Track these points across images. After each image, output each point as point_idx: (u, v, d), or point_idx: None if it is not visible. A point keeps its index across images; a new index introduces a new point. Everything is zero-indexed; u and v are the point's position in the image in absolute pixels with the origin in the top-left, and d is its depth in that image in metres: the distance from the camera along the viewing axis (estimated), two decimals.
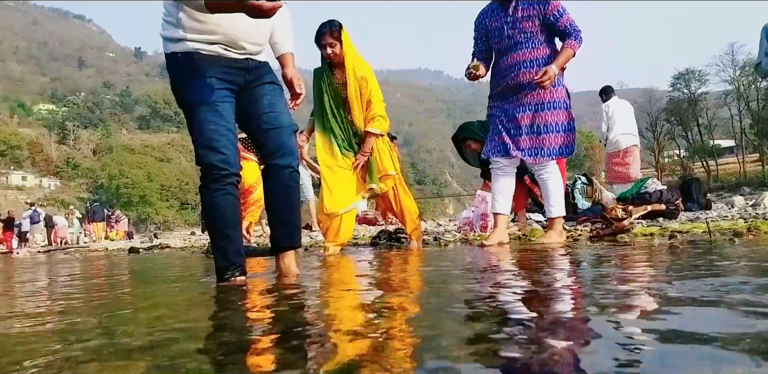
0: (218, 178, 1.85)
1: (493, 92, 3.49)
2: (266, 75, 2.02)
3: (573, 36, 3.22)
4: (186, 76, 1.87)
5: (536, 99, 3.28)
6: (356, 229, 7.00)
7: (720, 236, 3.12)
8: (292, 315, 1.19)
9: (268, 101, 1.98)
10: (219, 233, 1.89)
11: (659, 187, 5.43)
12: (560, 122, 3.30)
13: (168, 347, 0.88)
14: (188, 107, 1.87)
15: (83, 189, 68.97)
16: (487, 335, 0.85)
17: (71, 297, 1.85)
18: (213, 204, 1.87)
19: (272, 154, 1.98)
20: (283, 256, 2.04)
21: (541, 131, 3.29)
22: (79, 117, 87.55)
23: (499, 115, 3.42)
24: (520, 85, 3.29)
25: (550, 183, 3.42)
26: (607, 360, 0.66)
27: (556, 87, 3.27)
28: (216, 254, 1.89)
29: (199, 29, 1.83)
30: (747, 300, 1.00)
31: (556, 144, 3.31)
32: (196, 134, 1.86)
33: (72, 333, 1.08)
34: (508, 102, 3.38)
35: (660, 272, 1.57)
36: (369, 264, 2.66)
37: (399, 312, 1.14)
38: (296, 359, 0.77)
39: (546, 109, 3.29)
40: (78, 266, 4.38)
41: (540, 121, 3.29)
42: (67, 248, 13.60)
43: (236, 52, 1.91)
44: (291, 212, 2.06)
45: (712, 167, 43.40)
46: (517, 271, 1.90)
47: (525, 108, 3.31)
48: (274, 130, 1.97)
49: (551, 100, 3.28)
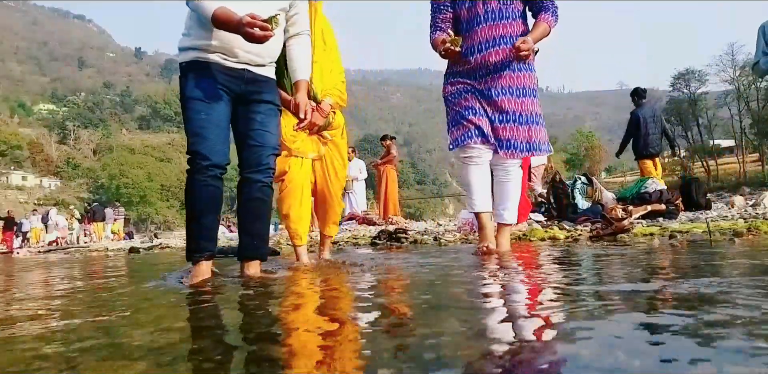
0: (200, 168, 1.95)
1: (457, 69, 2.87)
2: (267, 93, 2.13)
3: (550, 11, 2.75)
4: (187, 79, 2.02)
5: (516, 83, 2.75)
6: (356, 229, 7.01)
7: (720, 236, 3.12)
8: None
9: (261, 118, 2.09)
10: (194, 218, 1.99)
11: (659, 187, 5.43)
12: (540, 114, 2.82)
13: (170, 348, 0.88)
14: (186, 101, 2.01)
15: (83, 189, 68.93)
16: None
17: (57, 298, 1.85)
18: (193, 192, 1.98)
19: (250, 168, 2.10)
20: (248, 265, 2.13)
21: (527, 120, 2.74)
22: (80, 117, 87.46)
23: (470, 94, 2.80)
24: (498, 64, 2.74)
25: (512, 185, 2.90)
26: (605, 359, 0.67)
27: (532, 72, 2.81)
28: (188, 237, 2.00)
29: (203, 35, 1.99)
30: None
31: (543, 139, 2.79)
32: (188, 124, 1.98)
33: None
34: (479, 82, 2.79)
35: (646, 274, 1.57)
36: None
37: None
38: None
39: (528, 95, 2.77)
40: (77, 266, 4.38)
41: (524, 108, 2.74)
42: (68, 248, 13.60)
43: (233, 60, 2.03)
44: (260, 223, 2.18)
45: (712, 167, 43.38)
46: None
47: (506, 91, 2.75)
48: (259, 147, 2.09)
49: (531, 86, 2.79)
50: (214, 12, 1.85)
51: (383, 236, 4.77)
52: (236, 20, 1.82)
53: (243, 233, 2.16)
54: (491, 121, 2.75)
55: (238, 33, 1.84)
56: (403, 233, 4.76)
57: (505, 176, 2.86)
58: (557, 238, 3.85)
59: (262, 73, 2.12)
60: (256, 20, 1.80)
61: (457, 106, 2.82)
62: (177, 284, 1.94)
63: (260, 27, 1.80)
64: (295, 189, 2.61)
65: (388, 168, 8.93)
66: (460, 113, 2.80)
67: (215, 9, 1.85)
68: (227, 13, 1.85)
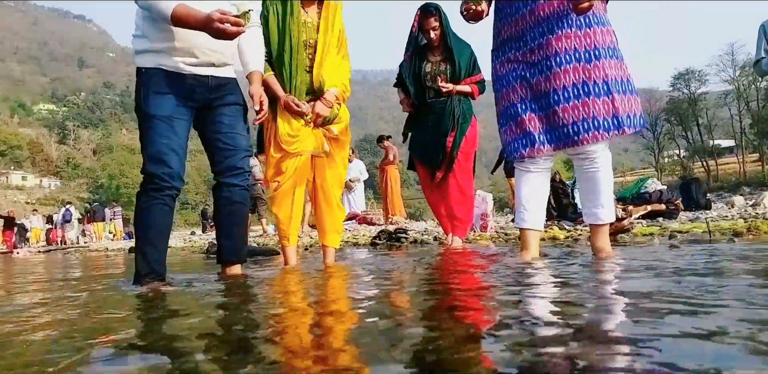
0: (160, 188, 1.91)
1: (502, 38, 2.26)
2: (229, 95, 2.07)
3: None
4: (148, 90, 1.92)
5: (586, 42, 2.06)
6: (356, 229, 7.01)
7: (720, 236, 3.12)
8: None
9: (228, 121, 2.05)
10: (146, 239, 1.92)
11: (659, 187, 5.43)
12: (627, 79, 2.10)
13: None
14: (145, 118, 1.92)
15: (83, 189, 68.88)
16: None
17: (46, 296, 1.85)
18: (147, 211, 1.92)
19: (223, 173, 2.07)
20: (229, 269, 2.14)
21: (608, 89, 2.04)
22: (79, 117, 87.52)
23: (519, 81, 2.18)
24: (553, 20, 2.08)
25: (602, 175, 2.17)
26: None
27: (604, 26, 2.11)
28: (138, 259, 1.91)
29: (161, 37, 1.90)
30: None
31: (633, 110, 2.07)
32: (148, 145, 1.91)
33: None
34: (532, 52, 2.14)
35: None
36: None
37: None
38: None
39: (603, 57, 2.06)
40: (77, 266, 4.38)
41: (600, 75, 2.04)
42: (68, 248, 13.60)
43: (197, 64, 1.95)
44: (238, 227, 2.16)
45: (712, 167, 43.39)
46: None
47: (570, 57, 2.06)
48: (230, 150, 2.05)
49: (607, 45, 2.08)
50: (175, 10, 1.75)
51: (383, 236, 4.77)
52: (204, 17, 1.73)
53: (225, 237, 2.14)
54: (556, 102, 2.08)
55: (205, 30, 1.75)
56: (403, 233, 4.76)
57: (591, 166, 2.16)
58: (557, 238, 3.85)
59: (225, 75, 2.06)
60: (228, 16, 1.73)
61: (504, 100, 2.25)
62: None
63: (232, 23, 1.73)
64: (287, 190, 2.55)
65: (391, 168, 8.91)
66: (506, 111, 2.24)
67: (175, 6, 1.75)
68: (189, 10, 1.76)
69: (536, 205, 2.24)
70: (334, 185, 2.69)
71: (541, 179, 2.25)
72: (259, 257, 3.87)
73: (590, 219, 2.21)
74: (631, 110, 2.06)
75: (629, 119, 2.05)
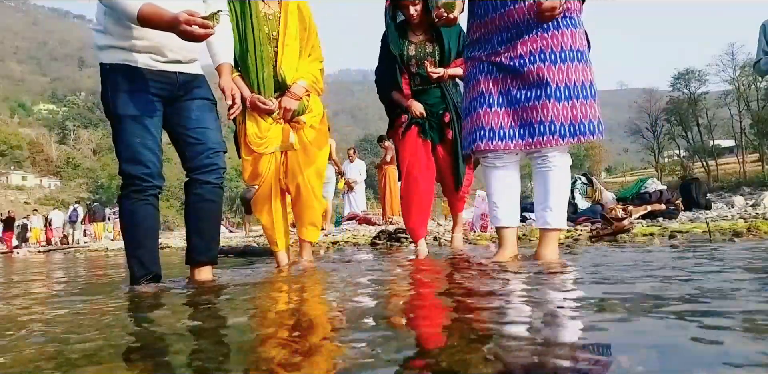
0: (141, 189, 1.87)
1: (474, 37, 2.24)
2: (197, 89, 2.01)
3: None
4: (115, 89, 1.86)
5: (552, 44, 2.03)
6: (356, 229, 7.00)
7: (720, 236, 3.12)
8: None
9: (196, 116, 1.97)
10: (137, 242, 1.89)
11: (659, 187, 5.43)
12: (590, 83, 2.06)
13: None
14: (116, 119, 1.87)
15: (83, 189, 68.85)
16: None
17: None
18: (133, 213, 1.88)
19: (197, 169, 1.99)
20: (199, 271, 2.01)
21: (570, 94, 2.01)
22: (79, 117, 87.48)
23: (483, 75, 2.15)
24: (523, 22, 2.05)
25: (553, 175, 2.14)
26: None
27: (575, 28, 2.07)
28: (133, 263, 1.88)
29: (125, 35, 1.84)
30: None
31: (592, 117, 2.03)
32: (122, 147, 1.86)
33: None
34: (501, 51, 2.11)
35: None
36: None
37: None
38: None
39: (569, 60, 2.03)
40: (77, 266, 4.37)
41: (564, 78, 2.01)
42: (67, 248, 13.59)
43: (164, 61, 1.90)
44: (209, 224, 2.05)
45: (712, 167, 43.40)
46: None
47: (535, 57, 2.04)
48: (201, 145, 1.97)
49: (575, 47, 2.04)
50: (141, 10, 1.67)
51: (383, 236, 4.77)
52: (170, 18, 1.65)
53: (194, 235, 2.02)
54: (517, 101, 2.07)
55: (172, 31, 1.67)
56: (403, 233, 4.75)
57: (544, 164, 2.14)
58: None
59: (192, 71, 2.00)
60: (196, 17, 1.64)
61: (469, 93, 2.23)
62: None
63: (200, 25, 1.65)
64: (265, 194, 2.49)
65: (390, 169, 8.90)
66: (467, 106, 2.23)
67: (141, 6, 1.67)
68: (156, 10, 1.67)
69: (508, 201, 2.20)
70: (311, 176, 2.57)
71: (509, 173, 2.21)
72: (260, 257, 3.86)
73: (538, 223, 2.16)
74: (588, 116, 2.02)
75: (587, 126, 2.02)
